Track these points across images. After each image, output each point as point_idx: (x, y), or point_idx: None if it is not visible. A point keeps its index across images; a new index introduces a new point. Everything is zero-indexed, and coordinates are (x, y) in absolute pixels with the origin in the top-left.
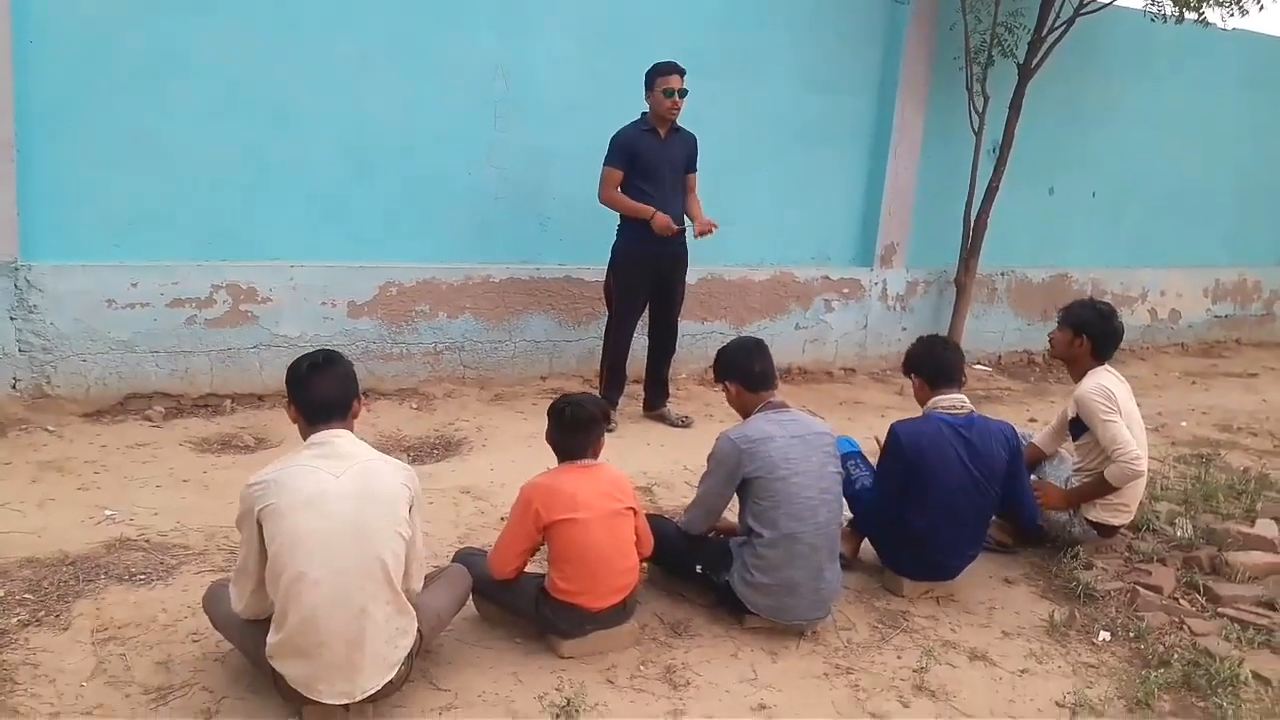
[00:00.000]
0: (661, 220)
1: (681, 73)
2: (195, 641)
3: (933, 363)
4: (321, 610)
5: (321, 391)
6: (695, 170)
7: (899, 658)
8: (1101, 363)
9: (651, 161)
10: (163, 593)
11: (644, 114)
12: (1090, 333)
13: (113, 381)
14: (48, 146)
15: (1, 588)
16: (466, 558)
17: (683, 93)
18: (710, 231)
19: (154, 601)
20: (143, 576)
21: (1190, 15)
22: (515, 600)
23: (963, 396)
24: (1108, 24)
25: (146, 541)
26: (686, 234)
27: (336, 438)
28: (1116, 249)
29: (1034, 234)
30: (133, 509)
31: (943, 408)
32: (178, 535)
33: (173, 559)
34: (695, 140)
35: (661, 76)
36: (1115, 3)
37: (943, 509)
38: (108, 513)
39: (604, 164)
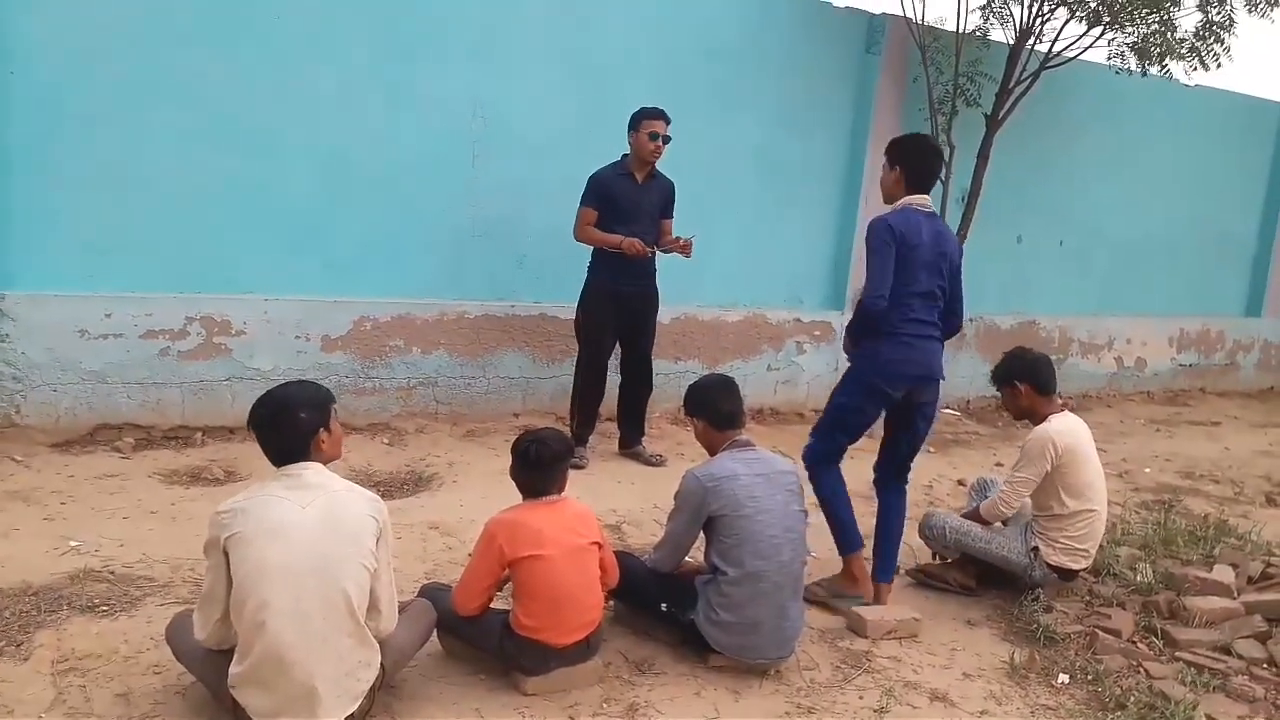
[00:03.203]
0: (630, 242)
1: (667, 120)
2: (157, 674)
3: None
4: (284, 640)
5: (277, 442)
6: (671, 216)
7: (861, 698)
8: (1049, 398)
9: (627, 205)
10: (125, 624)
11: (624, 156)
12: (1020, 375)
13: (83, 412)
14: (25, 175)
15: None
16: (431, 592)
17: (667, 139)
18: (689, 245)
19: (116, 633)
20: (106, 608)
21: (1153, 69)
22: (479, 636)
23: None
24: (1075, 78)
25: (111, 573)
26: (658, 275)
27: (305, 469)
28: (1084, 297)
29: (1002, 281)
30: (99, 540)
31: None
32: (143, 567)
33: (137, 590)
34: (673, 186)
35: (648, 120)
36: (1080, 57)
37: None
38: (73, 543)
39: (580, 203)
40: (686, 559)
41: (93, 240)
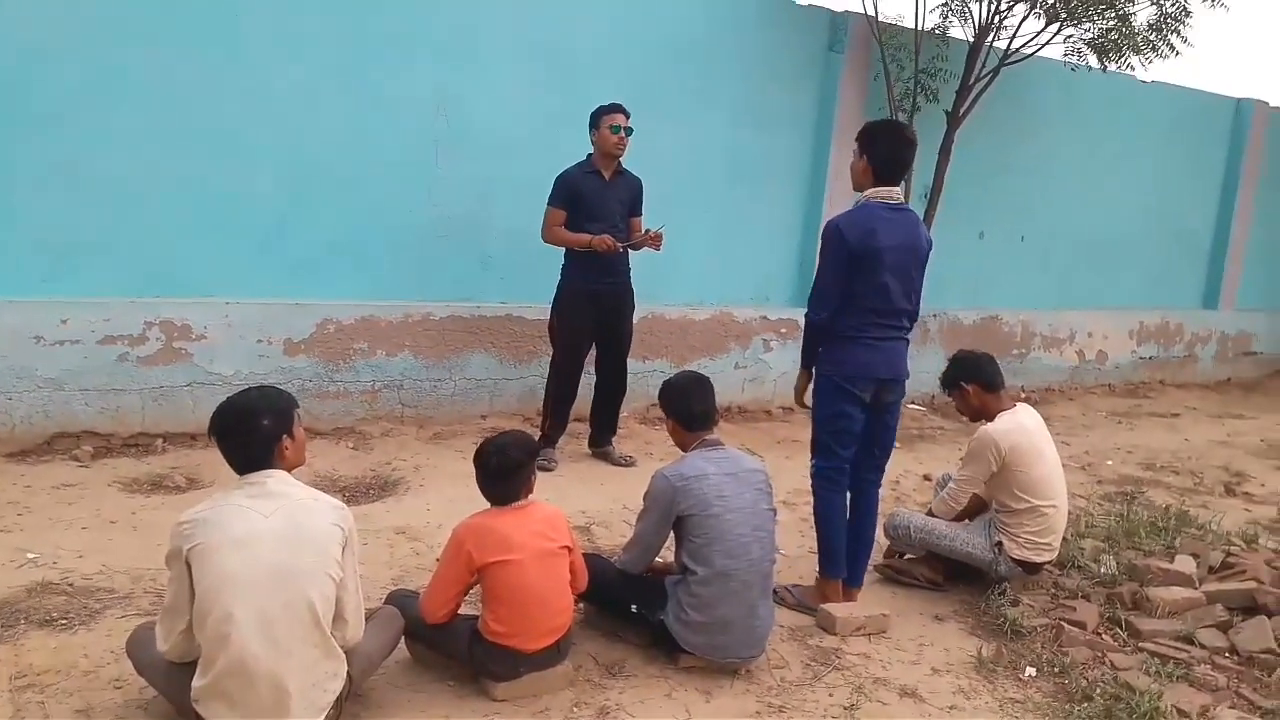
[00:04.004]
0: (600, 239)
1: (627, 113)
2: (118, 689)
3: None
4: (249, 652)
5: (239, 450)
6: (640, 214)
7: (831, 695)
8: (998, 395)
9: (595, 202)
10: (85, 638)
11: (589, 155)
12: (966, 377)
13: (39, 420)
14: None
15: None
16: (399, 599)
17: (629, 130)
18: (660, 238)
19: (76, 647)
20: (64, 621)
21: (1111, 65)
22: (448, 642)
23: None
24: (1034, 75)
25: (70, 585)
26: (631, 272)
27: (269, 478)
28: (1045, 292)
29: (965, 277)
30: (56, 551)
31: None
32: (103, 578)
33: (96, 603)
34: (640, 184)
35: (607, 114)
36: (1038, 54)
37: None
38: (30, 555)
39: (548, 204)
40: (656, 559)
41: (48, 244)
